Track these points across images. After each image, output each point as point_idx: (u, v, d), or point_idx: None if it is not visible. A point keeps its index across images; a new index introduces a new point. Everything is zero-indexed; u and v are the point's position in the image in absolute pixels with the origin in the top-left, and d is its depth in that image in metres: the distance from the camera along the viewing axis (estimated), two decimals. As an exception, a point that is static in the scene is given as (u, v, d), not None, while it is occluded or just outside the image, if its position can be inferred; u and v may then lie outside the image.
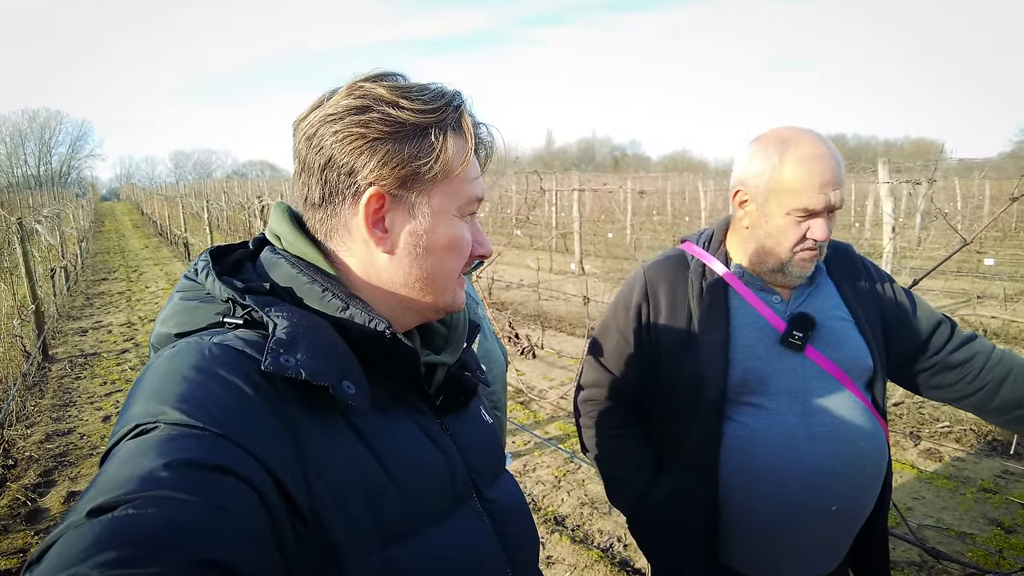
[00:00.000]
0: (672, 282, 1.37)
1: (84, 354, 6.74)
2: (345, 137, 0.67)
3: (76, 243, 14.61)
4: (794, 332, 1.25)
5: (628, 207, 16.17)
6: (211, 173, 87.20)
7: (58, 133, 67.34)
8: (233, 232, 14.45)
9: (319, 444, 0.60)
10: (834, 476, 1.21)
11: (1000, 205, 14.28)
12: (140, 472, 0.46)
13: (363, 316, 0.67)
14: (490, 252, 0.79)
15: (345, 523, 0.59)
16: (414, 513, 0.66)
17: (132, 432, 0.52)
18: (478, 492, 0.76)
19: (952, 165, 15.58)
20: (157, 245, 18.89)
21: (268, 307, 0.63)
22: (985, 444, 3.91)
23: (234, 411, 0.54)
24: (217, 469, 0.49)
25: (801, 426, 1.22)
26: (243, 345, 0.61)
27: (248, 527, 0.48)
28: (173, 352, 0.60)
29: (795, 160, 1.20)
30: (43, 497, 3.58)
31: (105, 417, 4.80)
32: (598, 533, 3.10)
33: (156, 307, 9.32)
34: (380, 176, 0.67)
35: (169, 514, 0.44)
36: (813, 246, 1.23)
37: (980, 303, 7.03)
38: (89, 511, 0.43)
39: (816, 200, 1.19)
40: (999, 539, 2.92)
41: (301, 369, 0.58)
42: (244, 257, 0.75)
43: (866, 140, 79.68)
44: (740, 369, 1.25)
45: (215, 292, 0.66)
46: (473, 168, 0.74)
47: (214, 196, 17.57)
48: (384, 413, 0.69)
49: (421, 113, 0.68)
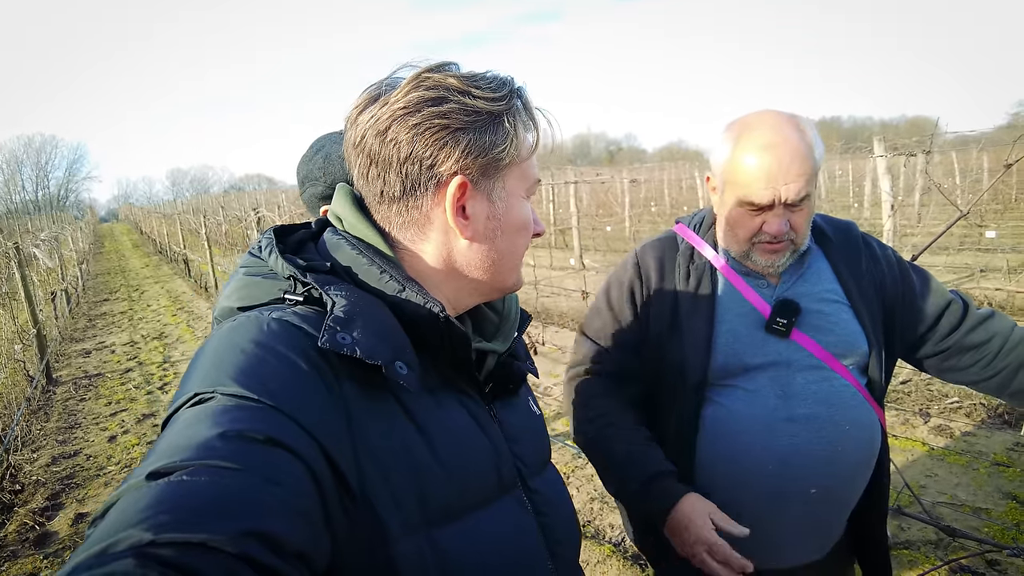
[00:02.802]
0: (661, 264, 1.34)
1: (88, 375, 6.74)
2: (427, 129, 0.66)
3: (76, 265, 14.64)
4: (778, 318, 1.21)
5: (626, 200, 16.10)
6: (208, 189, 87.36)
7: (54, 157, 67.77)
8: (231, 246, 14.44)
9: (370, 422, 0.61)
10: (812, 458, 1.18)
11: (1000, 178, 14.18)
12: (196, 440, 0.48)
13: (419, 298, 0.68)
14: (543, 230, 0.81)
15: (392, 501, 0.60)
16: (459, 496, 0.66)
17: (191, 400, 0.54)
18: (523, 481, 0.77)
19: (949, 140, 15.51)
20: (157, 263, 18.91)
21: (328, 285, 0.65)
22: (996, 417, 3.86)
23: (289, 385, 0.56)
24: (269, 442, 0.50)
25: (781, 408, 1.20)
26: (301, 321, 0.62)
27: (297, 501, 0.49)
28: (234, 325, 0.62)
29: (745, 149, 1.14)
30: (51, 521, 3.56)
31: (111, 437, 4.78)
32: (609, 528, 3.08)
33: (158, 325, 9.33)
34: (464, 166, 0.68)
35: (221, 483, 0.45)
36: (771, 240, 1.18)
37: (984, 276, 6.98)
38: (148, 474, 0.45)
39: (762, 195, 1.13)
40: (1015, 512, 2.89)
41: (356, 347, 0.59)
42: (306, 237, 0.77)
43: (861, 121, 79.34)
44: (723, 354, 1.23)
45: (277, 269, 0.68)
46: (530, 152, 0.75)
47: (211, 211, 17.55)
48: (434, 396, 0.69)
49: (493, 101, 0.69)
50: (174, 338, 8.32)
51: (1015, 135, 2.30)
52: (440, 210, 0.70)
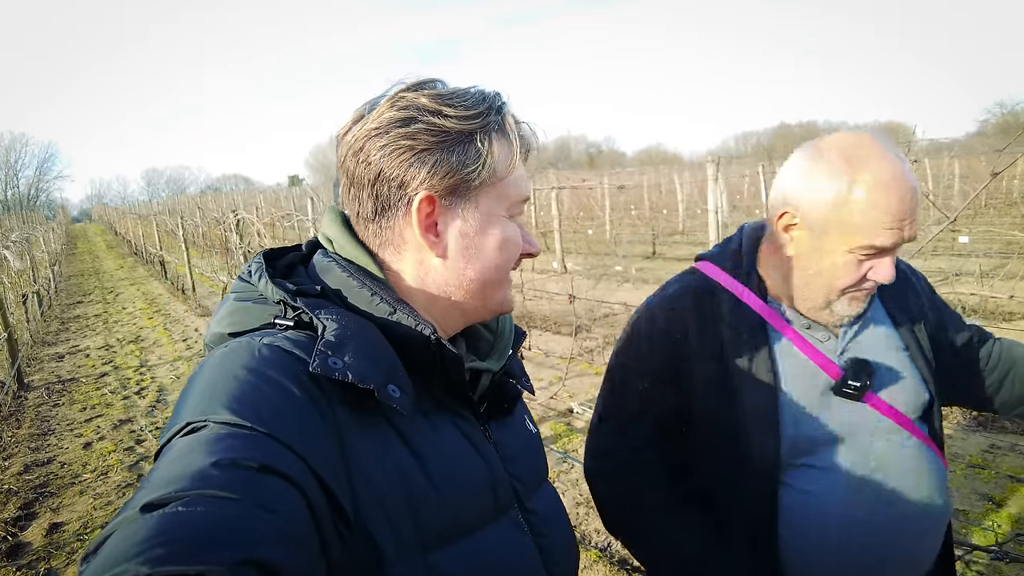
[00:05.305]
0: (700, 320, 1.12)
1: (62, 380, 6.58)
2: (393, 151, 0.67)
3: (48, 267, 14.29)
4: (850, 382, 1.05)
5: (606, 203, 16.19)
6: (184, 189, 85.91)
7: (24, 156, 66.01)
8: (209, 248, 14.24)
9: (363, 446, 0.61)
10: (906, 534, 1.07)
11: (970, 183, 14.58)
12: (190, 470, 0.48)
13: (410, 320, 0.68)
14: (538, 250, 0.79)
15: (387, 525, 0.60)
16: (454, 519, 0.66)
17: (183, 430, 0.54)
18: (519, 502, 0.76)
19: (923, 146, 15.82)
20: (132, 265, 18.56)
21: (318, 309, 0.64)
22: (971, 419, 3.95)
23: (282, 412, 0.55)
24: (263, 469, 0.50)
25: (866, 486, 1.05)
26: (292, 346, 0.61)
27: (292, 528, 0.48)
28: (226, 352, 0.61)
29: (868, 187, 0.96)
30: (24, 531, 3.47)
31: (86, 444, 4.67)
32: (595, 532, 3.08)
33: (134, 328, 9.15)
34: (431, 186, 0.68)
35: (217, 513, 0.45)
36: (872, 287, 1.04)
37: (958, 280, 7.13)
38: (142, 506, 0.45)
39: (889, 237, 0.97)
40: (992, 514, 2.95)
41: (348, 372, 0.59)
42: (296, 260, 0.77)
43: (837, 125, 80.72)
44: (792, 429, 1.06)
45: (267, 294, 0.68)
46: (519, 168, 0.74)
47: (188, 212, 17.28)
48: (428, 418, 0.69)
49: (465, 119, 0.68)
50: (151, 341, 8.17)
51: (985, 141, 2.36)
52: (411, 229, 0.70)
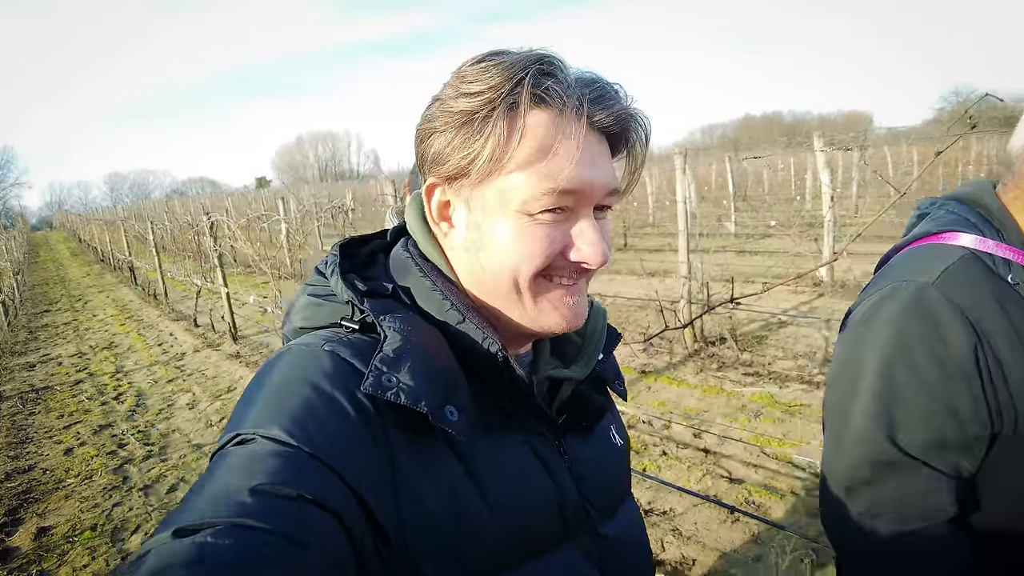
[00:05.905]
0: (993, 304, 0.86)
1: (35, 389, 6.47)
2: (420, 131, 0.66)
3: (12, 276, 13.92)
4: None
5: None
6: (149, 194, 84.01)
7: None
8: (181, 252, 14.01)
9: (416, 469, 0.58)
10: None
11: (928, 169, 14.90)
12: (228, 493, 0.48)
13: (477, 333, 0.63)
14: (597, 260, 0.63)
15: (432, 548, 0.57)
16: (511, 545, 0.61)
17: (233, 440, 0.54)
18: (591, 526, 0.70)
19: (882, 134, 16.29)
20: (100, 272, 18.14)
21: (384, 314, 0.62)
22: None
23: (332, 433, 0.53)
24: (300, 499, 0.48)
25: None
26: (353, 355, 0.59)
27: (320, 562, 0.47)
28: (289, 358, 0.60)
29: None
30: (11, 536, 3.46)
31: (67, 450, 4.64)
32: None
33: (107, 335, 9.01)
34: (436, 172, 0.65)
35: (245, 545, 0.44)
36: None
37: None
38: (175, 530, 0.45)
39: None
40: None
41: (401, 393, 0.56)
42: (379, 248, 0.74)
43: (801, 115, 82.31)
44: None
45: (337, 292, 0.66)
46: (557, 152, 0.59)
47: (156, 217, 16.95)
48: (490, 435, 0.64)
49: (473, 96, 0.59)
50: (125, 347, 8.06)
51: (941, 128, 2.53)
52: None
